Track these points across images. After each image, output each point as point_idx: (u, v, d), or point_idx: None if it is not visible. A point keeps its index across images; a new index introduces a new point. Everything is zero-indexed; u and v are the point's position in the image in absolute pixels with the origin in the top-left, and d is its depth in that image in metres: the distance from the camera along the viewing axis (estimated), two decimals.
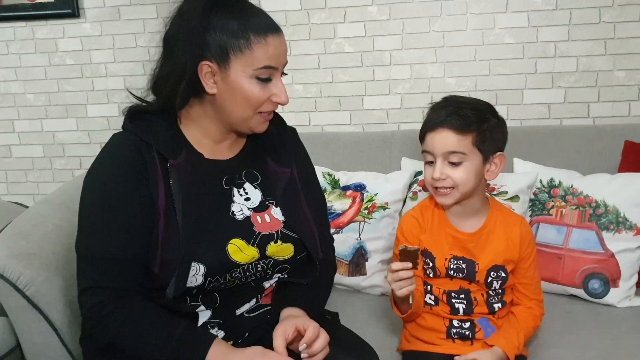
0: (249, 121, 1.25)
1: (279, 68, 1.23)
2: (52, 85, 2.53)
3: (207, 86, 1.20)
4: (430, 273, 1.46)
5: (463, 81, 2.26)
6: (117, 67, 2.47)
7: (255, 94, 1.20)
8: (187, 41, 1.18)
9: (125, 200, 1.19)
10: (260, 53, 1.18)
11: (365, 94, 2.33)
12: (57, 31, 2.47)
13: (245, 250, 1.25)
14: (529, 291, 1.47)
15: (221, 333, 1.29)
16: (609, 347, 1.55)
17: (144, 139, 1.22)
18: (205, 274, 1.21)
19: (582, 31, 2.16)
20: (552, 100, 2.24)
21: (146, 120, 1.25)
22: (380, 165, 2.07)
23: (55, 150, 2.61)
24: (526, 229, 1.48)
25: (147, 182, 1.21)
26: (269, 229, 1.29)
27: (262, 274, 1.31)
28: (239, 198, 1.30)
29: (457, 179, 1.36)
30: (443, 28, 2.23)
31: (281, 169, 1.35)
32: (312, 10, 2.29)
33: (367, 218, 1.92)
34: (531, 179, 1.86)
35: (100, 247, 1.19)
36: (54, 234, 1.51)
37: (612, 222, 1.78)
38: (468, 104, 1.39)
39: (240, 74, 1.19)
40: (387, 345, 1.58)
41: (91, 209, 1.22)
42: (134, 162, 1.21)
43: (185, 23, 1.18)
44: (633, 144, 1.95)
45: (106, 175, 1.22)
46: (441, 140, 1.36)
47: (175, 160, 1.22)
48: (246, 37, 1.17)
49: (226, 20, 1.18)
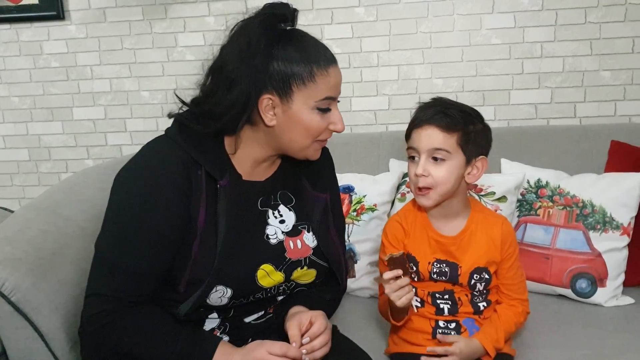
0: (306, 150, 1.24)
1: (336, 97, 1.23)
2: (37, 88, 2.51)
3: (267, 118, 1.18)
4: (415, 277, 1.46)
5: (450, 82, 2.27)
6: (103, 70, 2.46)
7: (315, 125, 1.20)
8: (251, 76, 1.15)
9: (162, 218, 1.16)
10: (322, 85, 1.17)
11: (353, 95, 2.33)
12: (41, 33, 2.45)
13: (273, 275, 1.25)
14: (512, 291, 1.47)
15: (226, 337, 1.29)
16: (596, 346, 1.56)
17: (192, 155, 1.19)
18: (231, 297, 1.20)
19: (568, 31, 2.17)
20: (539, 101, 2.25)
21: (195, 136, 1.21)
22: (369, 167, 2.07)
23: (41, 153, 2.59)
24: (507, 229, 1.47)
25: (188, 201, 1.18)
26: (299, 256, 1.28)
27: (281, 294, 1.31)
28: (273, 220, 1.29)
29: (438, 177, 1.36)
30: (430, 29, 2.24)
31: (318, 194, 1.34)
32: (299, 12, 2.27)
33: (355, 220, 1.92)
34: (518, 180, 1.87)
35: (123, 258, 1.16)
36: (40, 239, 1.49)
37: (599, 222, 1.79)
38: (455, 105, 1.40)
39: (302, 106, 1.17)
40: (376, 348, 1.57)
41: (122, 215, 1.18)
42: (179, 178, 1.17)
43: (247, 58, 1.14)
44: (619, 144, 1.96)
45: (146, 185, 1.17)
46: (427, 137, 1.37)
47: (223, 182, 1.20)
48: (309, 69, 1.16)
49: (288, 54, 1.16)
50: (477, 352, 1.40)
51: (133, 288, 1.17)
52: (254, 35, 1.15)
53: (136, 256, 1.16)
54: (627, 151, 1.94)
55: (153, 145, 1.23)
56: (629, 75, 2.19)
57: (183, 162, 1.18)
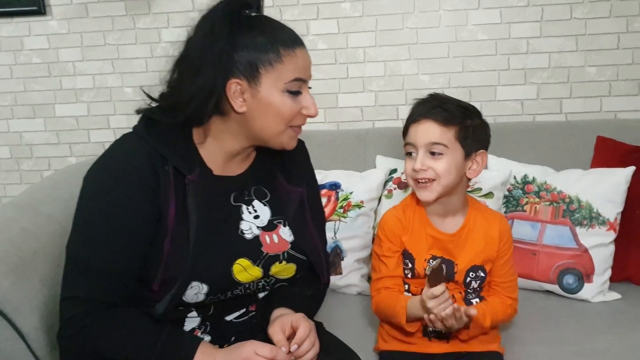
0: (281, 136, 1.21)
1: (307, 80, 1.21)
2: (18, 85, 2.47)
3: (236, 105, 1.16)
4: (409, 274, 1.45)
5: (437, 78, 2.26)
6: (86, 66, 2.42)
7: (287, 109, 1.18)
8: (215, 61, 1.13)
9: (130, 214, 1.14)
10: (290, 66, 1.16)
11: (339, 91, 2.32)
12: (22, 29, 2.40)
13: (250, 270, 1.22)
14: (503, 288, 1.46)
15: (207, 337, 1.27)
16: (584, 342, 1.56)
17: (160, 151, 1.17)
18: (207, 293, 1.18)
19: (554, 27, 2.18)
20: (525, 97, 2.25)
21: (162, 131, 1.19)
22: (355, 164, 2.05)
23: (22, 151, 2.55)
24: (505, 226, 1.47)
25: (157, 198, 1.16)
26: (277, 250, 1.26)
27: (261, 290, 1.29)
28: (247, 216, 1.26)
29: (439, 170, 1.35)
30: (416, 25, 2.23)
31: (293, 188, 1.31)
32: (284, 7, 2.26)
33: (342, 217, 1.90)
34: (505, 176, 1.87)
35: (95, 258, 1.14)
36: (21, 238, 1.46)
37: (586, 218, 1.79)
38: (452, 100, 1.40)
39: (271, 89, 1.16)
40: (364, 346, 1.56)
41: (91, 214, 1.16)
42: (147, 175, 1.15)
43: (210, 43, 1.13)
44: (605, 140, 1.97)
45: (114, 183, 1.16)
46: (424, 132, 1.36)
47: (191, 176, 1.18)
48: (276, 51, 1.14)
49: (253, 36, 1.15)
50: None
51: (108, 288, 1.15)
52: (218, 20, 1.14)
53: (108, 255, 1.14)
54: (613, 147, 1.95)
55: (120, 142, 1.21)
56: (614, 71, 2.19)
57: (150, 158, 1.16)
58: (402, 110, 2.29)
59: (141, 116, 1.22)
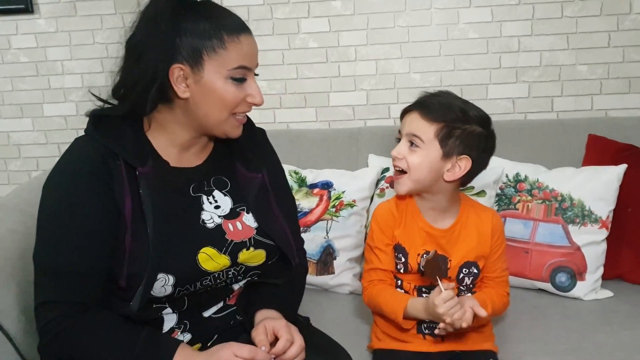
0: (224, 124, 1.21)
1: (252, 68, 1.20)
2: (5, 84, 2.44)
3: (179, 90, 1.16)
4: (402, 269, 1.45)
5: (428, 77, 2.26)
6: (74, 65, 2.40)
7: (230, 95, 1.17)
8: (157, 45, 1.13)
9: (88, 212, 1.14)
10: (234, 52, 1.15)
11: (330, 90, 2.31)
12: (9, 27, 2.37)
13: (217, 258, 1.21)
14: (495, 283, 1.46)
15: (188, 336, 1.25)
16: (576, 340, 1.56)
17: (109, 147, 1.17)
18: (174, 284, 1.17)
19: (545, 26, 2.18)
20: (516, 95, 2.25)
21: (111, 127, 1.19)
22: (347, 162, 2.05)
23: (10, 151, 2.52)
24: (497, 222, 1.47)
25: (112, 193, 1.15)
26: (242, 237, 1.25)
27: (233, 280, 1.28)
28: (208, 206, 1.26)
29: (410, 162, 1.37)
30: (408, 23, 2.23)
31: (252, 175, 1.31)
32: (275, 5, 2.25)
33: (334, 216, 1.89)
34: (497, 174, 1.86)
35: (60, 260, 1.13)
36: (8, 239, 1.44)
37: (578, 216, 1.79)
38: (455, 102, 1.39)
39: (214, 75, 1.15)
40: (357, 345, 1.55)
41: (51, 219, 1.16)
42: (99, 171, 1.15)
43: (153, 27, 1.14)
44: (596, 138, 1.97)
45: (68, 185, 1.16)
46: (409, 121, 1.39)
47: (143, 168, 1.17)
48: (219, 37, 1.14)
49: (197, 22, 1.14)
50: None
51: (78, 289, 1.14)
52: (161, 5, 1.14)
53: (72, 256, 1.13)
54: (604, 145, 1.95)
55: (71, 146, 1.21)
56: (605, 69, 2.20)
57: (100, 155, 1.16)
58: (394, 108, 2.28)
59: (89, 116, 1.22)
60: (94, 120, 1.20)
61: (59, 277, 1.13)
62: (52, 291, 1.14)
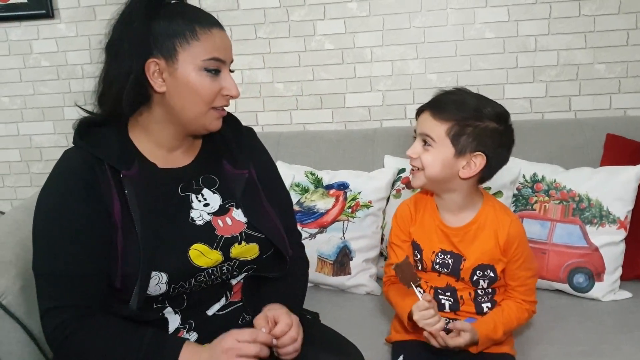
0: (202, 118, 1.23)
1: (226, 62, 1.22)
2: (27, 88, 2.48)
3: (156, 85, 1.19)
4: (419, 266, 1.46)
5: (444, 77, 2.25)
6: (94, 68, 2.40)
7: (205, 87, 1.19)
8: (132, 42, 1.17)
9: (79, 216, 1.17)
10: (207, 44, 1.18)
11: (346, 91, 2.32)
12: (31, 32, 2.42)
13: (209, 254, 1.23)
14: (518, 292, 1.44)
15: (194, 335, 1.27)
16: (594, 341, 1.55)
17: (93, 153, 1.20)
18: (168, 282, 1.19)
19: (562, 24, 2.16)
20: (533, 95, 2.24)
21: (96, 134, 1.23)
22: (363, 163, 2.05)
23: (32, 154, 2.56)
24: (515, 230, 1.42)
25: (100, 197, 1.18)
26: (232, 232, 1.27)
27: (228, 275, 1.29)
28: (197, 204, 1.28)
29: (424, 160, 1.38)
30: (423, 24, 2.22)
31: (238, 171, 1.33)
32: (291, 7, 2.26)
33: (350, 217, 1.90)
34: (514, 174, 1.86)
35: (57, 265, 1.16)
36: (31, 241, 1.47)
37: (596, 216, 1.78)
38: (469, 99, 1.39)
39: (188, 67, 1.18)
40: (374, 344, 1.56)
41: (44, 227, 1.19)
42: (85, 177, 1.18)
43: (128, 25, 1.18)
44: (615, 137, 1.96)
45: (57, 193, 1.19)
46: (422, 121, 1.40)
47: (128, 172, 1.20)
48: (192, 28, 1.17)
49: (171, 17, 1.18)
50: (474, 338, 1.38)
51: (79, 292, 1.16)
52: (135, 5, 1.18)
53: (71, 259, 1.15)
54: (622, 144, 1.94)
55: (60, 158, 1.24)
56: (623, 68, 2.17)
57: (86, 162, 1.19)
58: (410, 109, 2.28)
59: (76, 127, 1.25)
60: (80, 130, 1.24)
61: (58, 282, 1.15)
62: (53, 297, 1.16)
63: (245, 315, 1.32)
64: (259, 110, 2.35)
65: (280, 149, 2.09)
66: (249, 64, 2.31)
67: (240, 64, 2.29)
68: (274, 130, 2.28)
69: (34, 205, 1.59)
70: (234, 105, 2.21)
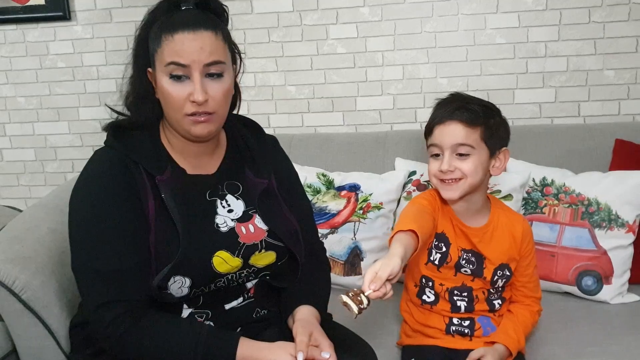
0: (182, 123, 1.22)
1: (190, 66, 1.18)
2: (43, 89, 2.52)
3: (156, 92, 1.24)
4: (438, 258, 1.44)
5: (455, 81, 2.27)
6: (109, 70, 2.46)
7: (171, 93, 1.19)
8: (136, 52, 1.24)
9: (116, 211, 1.19)
10: (167, 49, 1.18)
11: (358, 94, 2.34)
12: (48, 34, 2.45)
13: (230, 261, 1.26)
14: (528, 289, 1.48)
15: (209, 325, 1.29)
16: (603, 343, 1.57)
17: (129, 156, 1.23)
18: (190, 286, 1.22)
19: (572, 31, 2.18)
20: (543, 100, 2.25)
21: (130, 137, 1.26)
22: (374, 166, 2.07)
23: (47, 153, 2.60)
24: (527, 227, 1.49)
25: (138, 197, 1.21)
26: (253, 239, 1.29)
27: (245, 280, 1.32)
28: (222, 210, 1.30)
29: (466, 170, 1.36)
30: (434, 29, 2.25)
31: (259, 181, 1.35)
32: (304, 12, 2.29)
33: (362, 218, 1.92)
34: (524, 178, 1.88)
35: (101, 262, 1.17)
36: (49, 238, 1.50)
37: (605, 220, 1.79)
38: (474, 100, 1.42)
39: (159, 74, 1.21)
40: (385, 343, 1.58)
41: (83, 226, 1.20)
42: (122, 176, 1.21)
43: (137, 36, 1.25)
44: (623, 142, 1.97)
45: (93, 192, 1.21)
46: (450, 133, 1.37)
47: (162, 177, 1.23)
48: (158, 36, 1.20)
49: (155, 25, 1.22)
50: (502, 355, 1.41)
51: (129, 286, 1.18)
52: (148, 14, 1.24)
53: (115, 255, 1.17)
54: (631, 149, 1.95)
55: (92, 158, 1.27)
56: (632, 74, 2.19)
57: (121, 162, 1.22)
58: (421, 113, 2.31)
59: (108, 129, 1.29)
60: (114, 132, 1.26)
61: (103, 277, 1.17)
62: (103, 293, 1.17)
63: (260, 310, 1.35)
64: (271, 112, 2.38)
65: (292, 151, 2.11)
66: (262, 67, 2.34)
67: (253, 67, 2.33)
68: (286, 133, 2.30)
69: (52, 204, 1.64)
70: (246, 107, 2.24)
